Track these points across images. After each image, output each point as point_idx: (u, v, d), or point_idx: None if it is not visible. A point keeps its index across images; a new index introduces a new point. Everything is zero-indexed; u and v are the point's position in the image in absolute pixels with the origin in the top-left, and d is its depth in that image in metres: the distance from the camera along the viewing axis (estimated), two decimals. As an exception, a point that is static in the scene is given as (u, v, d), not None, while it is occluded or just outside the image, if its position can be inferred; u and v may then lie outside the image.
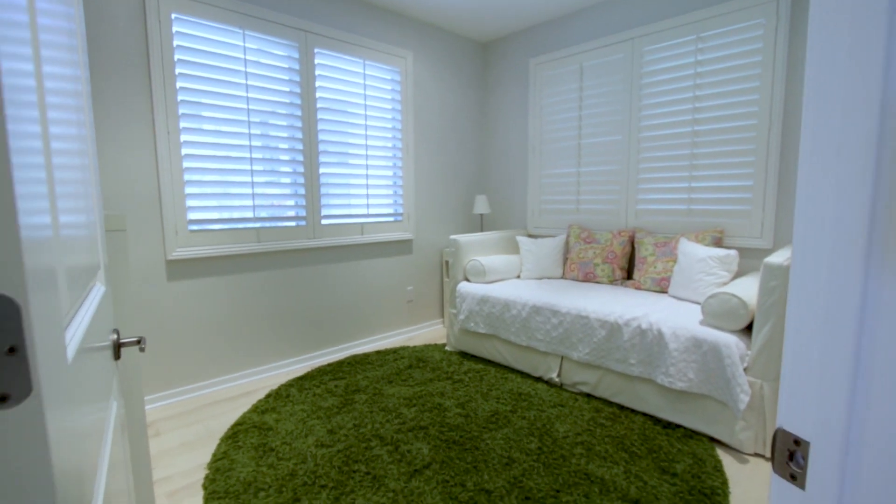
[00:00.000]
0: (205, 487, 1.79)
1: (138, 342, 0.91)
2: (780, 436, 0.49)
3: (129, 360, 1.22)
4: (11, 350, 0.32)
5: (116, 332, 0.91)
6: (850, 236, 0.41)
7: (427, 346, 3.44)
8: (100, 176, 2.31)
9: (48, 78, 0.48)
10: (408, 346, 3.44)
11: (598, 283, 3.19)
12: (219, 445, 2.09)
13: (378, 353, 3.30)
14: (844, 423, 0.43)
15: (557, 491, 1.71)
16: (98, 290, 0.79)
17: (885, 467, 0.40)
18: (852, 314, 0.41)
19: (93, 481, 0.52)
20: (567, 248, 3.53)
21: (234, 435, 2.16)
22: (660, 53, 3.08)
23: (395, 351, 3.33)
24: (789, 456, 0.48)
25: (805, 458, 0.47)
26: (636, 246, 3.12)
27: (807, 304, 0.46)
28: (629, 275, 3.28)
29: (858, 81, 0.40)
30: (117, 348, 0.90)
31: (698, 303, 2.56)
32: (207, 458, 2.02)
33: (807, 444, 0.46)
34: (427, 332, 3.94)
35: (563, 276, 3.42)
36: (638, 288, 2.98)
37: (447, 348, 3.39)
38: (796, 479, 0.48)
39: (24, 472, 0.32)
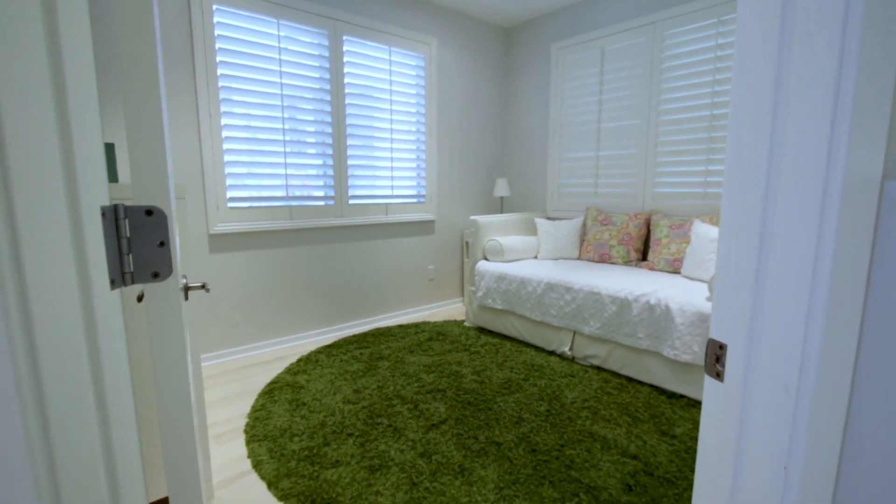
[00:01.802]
0: (245, 432, 2.01)
1: (202, 286, 1.10)
2: (710, 344, 0.63)
3: (188, 314, 1.43)
4: (161, 244, 0.49)
5: (185, 276, 1.10)
6: (755, 190, 0.54)
7: (447, 322, 3.62)
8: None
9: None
10: (428, 322, 3.63)
11: (612, 263, 3.29)
12: (256, 399, 2.32)
13: (400, 326, 3.50)
14: (748, 328, 0.56)
15: (562, 446, 1.87)
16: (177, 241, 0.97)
17: (772, 360, 0.54)
18: (754, 249, 0.55)
19: (188, 363, 0.70)
20: (584, 230, 3.63)
21: (270, 391, 2.39)
22: (681, 38, 3.11)
23: (416, 325, 3.52)
24: (716, 359, 0.62)
25: (725, 359, 0.60)
26: (651, 228, 3.20)
27: (727, 242, 0.59)
28: (644, 256, 3.36)
29: (762, 69, 0.52)
30: (186, 290, 1.09)
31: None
32: (247, 409, 2.25)
33: (725, 346, 0.60)
34: (447, 309, 4.11)
35: (580, 257, 3.53)
36: (651, 268, 3.07)
37: (466, 324, 3.56)
38: (719, 375, 0.61)
39: (170, 324, 0.49)
